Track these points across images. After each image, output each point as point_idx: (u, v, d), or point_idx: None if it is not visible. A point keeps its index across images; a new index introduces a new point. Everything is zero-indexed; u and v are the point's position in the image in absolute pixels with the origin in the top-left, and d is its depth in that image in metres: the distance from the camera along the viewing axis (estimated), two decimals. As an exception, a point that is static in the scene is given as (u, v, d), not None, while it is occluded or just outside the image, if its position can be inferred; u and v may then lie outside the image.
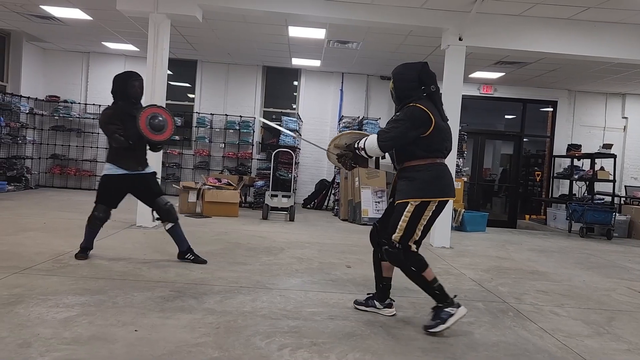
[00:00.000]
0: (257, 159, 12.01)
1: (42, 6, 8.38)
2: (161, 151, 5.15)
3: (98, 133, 12.02)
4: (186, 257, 4.91)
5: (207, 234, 6.82)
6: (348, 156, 3.81)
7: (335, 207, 10.46)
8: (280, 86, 12.73)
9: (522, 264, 6.27)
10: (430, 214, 3.38)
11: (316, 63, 11.45)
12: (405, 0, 6.85)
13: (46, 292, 3.65)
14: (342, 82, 12.39)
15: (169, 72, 8.02)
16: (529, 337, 3.46)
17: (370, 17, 7.07)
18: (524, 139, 12.75)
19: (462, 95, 7.35)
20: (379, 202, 9.22)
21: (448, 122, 3.54)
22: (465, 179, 10.00)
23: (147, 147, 4.87)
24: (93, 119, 11.92)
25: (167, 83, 7.40)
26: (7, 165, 10.65)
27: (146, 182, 4.82)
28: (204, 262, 4.89)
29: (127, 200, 4.90)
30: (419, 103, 3.37)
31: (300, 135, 4.57)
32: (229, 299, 3.81)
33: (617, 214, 10.05)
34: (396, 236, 3.37)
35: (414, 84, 3.45)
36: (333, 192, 11.27)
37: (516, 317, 3.93)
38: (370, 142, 3.51)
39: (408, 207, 3.35)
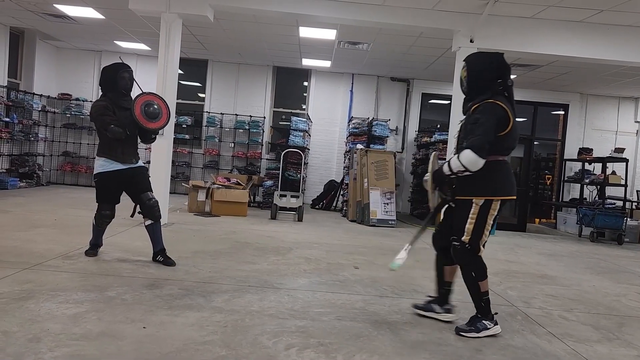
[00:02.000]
0: (266, 159, 12.03)
1: (55, 5, 8.47)
2: (153, 142, 4.98)
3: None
4: (157, 258, 4.71)
5: (215, 232, 6.84)
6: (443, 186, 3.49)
7: (344, 208, 10.45)
8: (290, 86, 12.75)
9: (532, 268, 6.23)
10: (495, 213, 3.31)
11: (326, 64, 11.46)
12: (417, 2, 6.84)
13: (56, 288, 3.68)
14: (352, 83, 12.39)
15: (180, 71, 8.06)
16: (537, 341, 3.44)
17: (381, 18, 7.07)
18: (535, 142, 12.65)
19: (473, 98, 7.31)
20: (387, 204, 9.20)
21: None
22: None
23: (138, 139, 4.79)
24: (104, 117, 12.01)
25: (178, 82, 7.44)
26: (19, 162, 10.77)
27: (137, 176, 4.67)
28: (173, 264, 4.64)
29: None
30: (498, 100, 3.25)
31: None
32: (236, 298, 3.82)
33: (628, 219, 9.95)
34: (465, 238, 3.32)
35: (492, 75, 3.32)
36: (342, 192, 11.26)
37: (525, 321, 3.90)
38: (467, 159, 3.18)
39: (473, 209, 3.29)
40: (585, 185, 11.42)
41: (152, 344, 2.82)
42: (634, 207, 11.24)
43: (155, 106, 4.58)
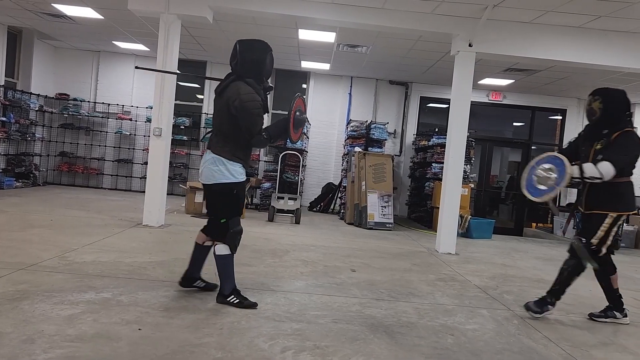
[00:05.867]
0: (264, 161, 12.02)
1: (54, 4, 8.45)
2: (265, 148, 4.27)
3: (106, 132, 12.09)
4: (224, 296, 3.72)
5: (212, 234, 6.81)
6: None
7: (342, 211, 10.44)
8: (289, 89, 12.72)
9: (528, 272, 6.23)
10: (621, 222, 4.01)
11: (325, 66, 11.47)
12: (416, 6, 6.84)
13: (51, 289, 3.66)
14: (351, 86, 12.40)
15: (179, 72, 8.04)
16: (533, 345, 3.44)
17: (381, 21, 7.07)
18: (532, 147, 12.68)
19: (471, 102, 7.33)
20: (385, 207, 9.20)
21: None
22: (472, 186, 9.97)
23: None
24: (102, 117, 12.00)
25: (177, 83, 7.43)
26: (16, 162, 10.73)
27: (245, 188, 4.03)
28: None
29: (134, 198, 4.90)
30: (633, 130, 3.94)
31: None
32: (233, 300, 3.80)
33: (624, 224, 9.97)
34: (594, 241, 3.96)
35: (625, 108, 3.99)
36: (339, 195, 11.25)
37: (521, 325, 3.91)
38: (606, 170, 3.73)
39: (607, 220, 3.90)
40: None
41: (147, 345, 2.80)
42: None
43: (302, 110, 3.94)
